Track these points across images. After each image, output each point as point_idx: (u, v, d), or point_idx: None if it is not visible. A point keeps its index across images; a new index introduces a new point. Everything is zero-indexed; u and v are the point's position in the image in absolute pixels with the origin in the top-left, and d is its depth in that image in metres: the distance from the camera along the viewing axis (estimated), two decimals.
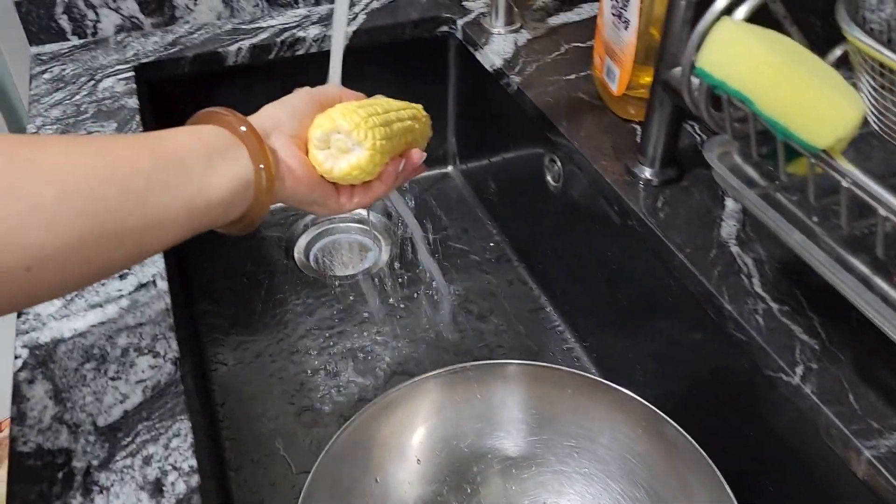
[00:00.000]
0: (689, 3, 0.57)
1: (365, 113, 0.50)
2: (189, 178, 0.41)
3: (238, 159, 0.44)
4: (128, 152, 0.39)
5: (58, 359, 0.52)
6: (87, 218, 0.36)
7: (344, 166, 0.49)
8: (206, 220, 0.43)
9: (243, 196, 0.44)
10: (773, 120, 0.37)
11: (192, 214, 0.41)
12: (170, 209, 0.39)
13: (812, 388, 0.51)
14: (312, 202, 0.51)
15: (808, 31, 0.68)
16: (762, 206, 0.42)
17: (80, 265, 0.37)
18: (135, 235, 0.38)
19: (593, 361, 0.80)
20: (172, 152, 0.41)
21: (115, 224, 0.37)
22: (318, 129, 0.49)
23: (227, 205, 0.43)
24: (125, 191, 0.37)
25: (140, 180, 0.38)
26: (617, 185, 0.68)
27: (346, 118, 0.49)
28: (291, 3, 0.95)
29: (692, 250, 0.61)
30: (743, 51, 0.38)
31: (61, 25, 0.86)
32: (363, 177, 0.51)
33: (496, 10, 0.90)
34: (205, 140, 0.43)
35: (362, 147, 0.49)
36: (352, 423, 0.60)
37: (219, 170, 0.42)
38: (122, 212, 0.37)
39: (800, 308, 0.56)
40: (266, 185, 0.45)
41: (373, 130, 0.49)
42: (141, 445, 0.47)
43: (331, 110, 0.50)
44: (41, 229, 0.34)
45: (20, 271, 0.34)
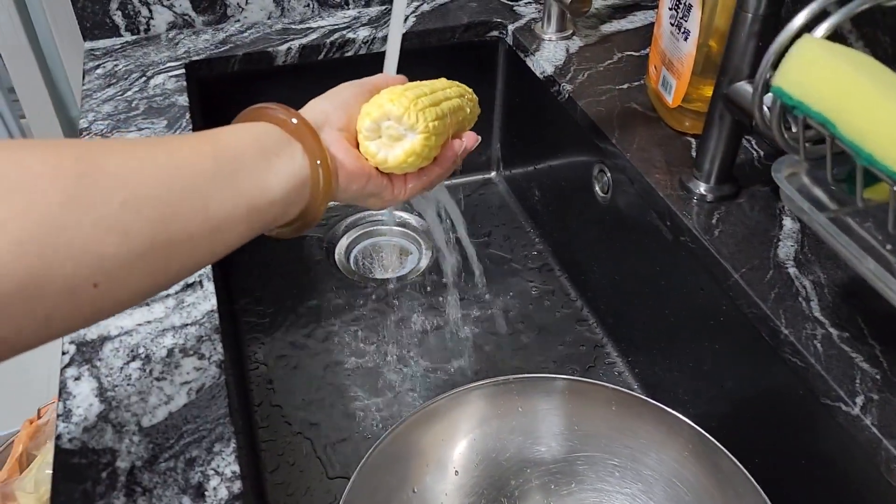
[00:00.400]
0: (755, 15, 0.55)
1: (413, 95, 0.47)
2: (248, 178, 0.40)
3: (293, 157, 0.43)
4: (189, 154, 0.38)
5: (104, 356, 0.52)
6: (154, 223, 0.35)
7: (399, 154, 0.47)
8: (267, 220, 0.42)
9: (300, 194, 0.43)
10: (857, 145, 0.36)
11: (254, 215, 0.40)
12: (232, 211, 0.39)
13: (872, 419, 0.49)
14: (367, 195, 0.49)
15: (876, 48, 0.66)
16: (834, 232, 0.40)
17: (147, 275, 0.36)
18: (199, 239, 0.38)
19: (636, 377, 0.79)
20: (230, 153, 0.40)
21: (180, 228, 0.36)
22: (367, 119, 0.47)
23: (284, 204, 0.42)
24: (189, 193, 0.37)
25: (203, 182, 0.38)
26: (670, 199, 0.66)
27: (395, 102, 0.46)
28: (342, 4, 0.95)
29: (748, 270, 0.59)
30: (827, 71, 0.37)
31: (115, 21, 0.87)
32: (420, 163, 0.48)
33: (548, 17, 0.89)
34: (258, 138, 0.42)
35: (415, 131, 0.47)
36: (392, 433, 0.59)
37: (275, 168, 0.42)
38: (187, 215, 0.37)
39: (860, 335, 0.54)
40: (324, 181, 0.44)
41: (424, 112, 0.47)
42: (184, 448, 0.47)
43: (377, 97, 0.48)
44: (111, 241, 0.33)
45: (87, 288, 0.33)
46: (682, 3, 0.66)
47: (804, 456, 0.56)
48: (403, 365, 0.79)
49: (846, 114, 0.36)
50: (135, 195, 0.35)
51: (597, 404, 0.63)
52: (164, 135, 0.72)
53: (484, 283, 0.86)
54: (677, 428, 0.59)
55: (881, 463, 0.48)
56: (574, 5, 0.81)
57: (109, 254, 0.33)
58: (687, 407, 0.70)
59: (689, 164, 0.70)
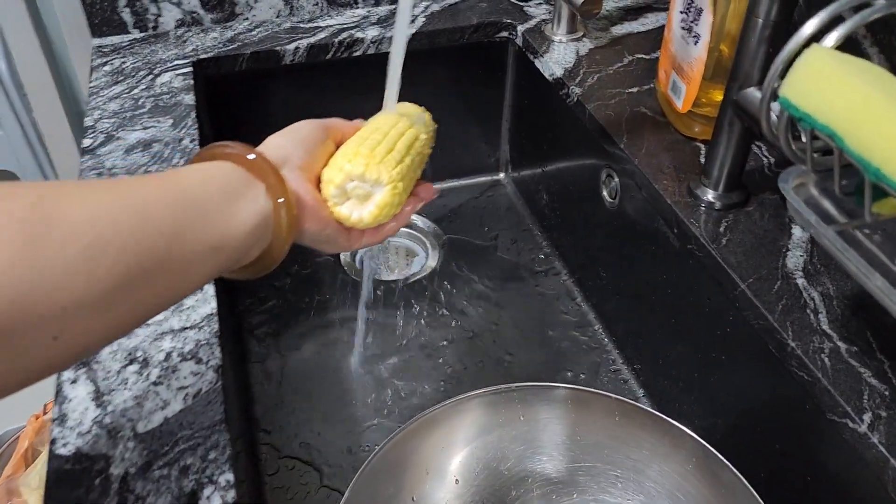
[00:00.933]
0: (766, 21, 0.54)
1: (367, 149, 0.47)
2: (212, 221, 0.39)
3: (256, 197, 0.42)
4: (151, 198, 0.37)
5: (102, 360, 0.52)
6: (115, 270, 0.34)
7: (372, 209, 0.48)
8: (230, 261, 0.41)
9: (263, 234, 0.43)
10: (866, 160, 0.35)
11: (217, 256, 0.40)
12: (195, 253, 0.38)
13: (880, 437, 0.47)
14: (324, 240, 0.49)
15: (892, 54, 0.65)
16: (841, 247, 0.39)
17: (108, 323, 0.35)
18: (162, 283, 0.37)
19: (641, 385, 0.78)
20: (192, 195, 0.39)
21: (143, 274, 0.35)
22: (331, 185, 0.47)
23: (247, 245, 0.42)
24: (153, 238, 0.36)
25: (167, 226, 0.37)
26: (677, 206, 0.65)
27: (354, 162, 0.47)
28: (351, 3, 0.94)
29: (755, 280, 0.58)
30: (835, 83, 0.36)
31: (123, 18, 0.86)
32: (393, 212, 0.49)
33: (558, 18, 0.88)
34: (221, 179, 0.42)
35: (381, 184, 0.47)
36: (391, 440, 0.58)
37: (239, 209, 0.41)
38: (149, 260, 0.35)
39: (869, 349, 0.53)
40: (287, 220, 0.43)
41: (384, 163, 0.47)
42: (179, 455, 0.46)
43: (334, 159, 0.48)
44: (69, 291, 0.32)
45: (47, 341, 0.32)
46: (692, 6, 0.65)
47: (810, 472, 0.55)
48: (407, 370, 0.79)
49: (854, 127, 0.35)
50: (97, 240, 0.33)
51: (600, 414, 0.62)
52: (169, 132, 0.72)
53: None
54: (681, 440, 0.58)
55: (889, 482, 0.47)
56: (584, 7, 0.79)
57: (70, 304, 0.32)
58: (692, 417, 0.69)
59: (697, 170, 0.68)
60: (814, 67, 0.37)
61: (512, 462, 0.64)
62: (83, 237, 0.33)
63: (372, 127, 0.51)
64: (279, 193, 0.43)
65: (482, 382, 0.77)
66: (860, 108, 0.35)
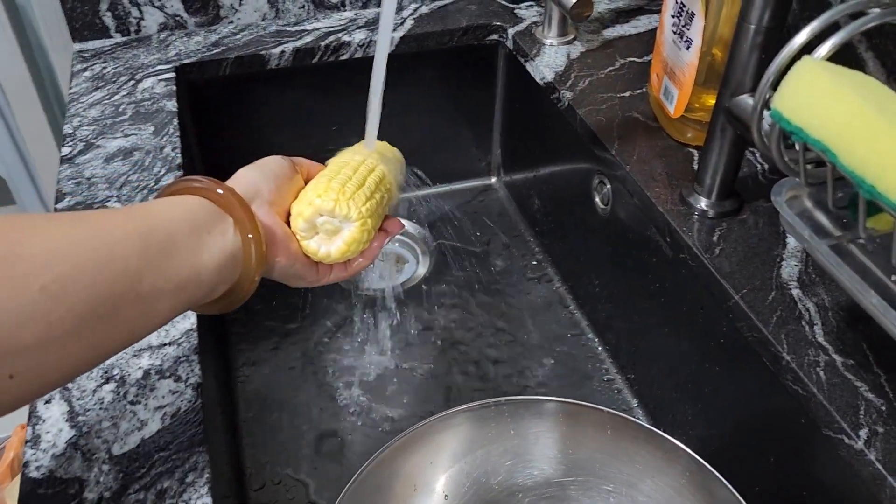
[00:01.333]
0: (758, 27, 0.53)
1: (338, 185, 0.48)
2: (179, 257, 0.38)
3: (225, 232, 0.42)
4: (117, 233, 0.36)
5: (77, 379, 0.50)
6: (76, 309, 0.33)
7: (341, 245, 0.48)
8: (196, 297, 0.40)
9: (232, 270, 0.42)
10: (859, 177, 0.33)
11: (183, 293, 0.39)
12: (161, 291, 0.37)
13: (877, 454, 0.46)
14: (292, 275, 0.49)
15: (886, 59, 0.63)
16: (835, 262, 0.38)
17: (67, 361, 0.34)
18: (125, 321, 0.36)
19: (635, 395, 0.76)
20: (160, 231, 0.39)
21: (105, 312, 0.34)
22: (300, 219, 0.47)
23: (214, 281, 0.41)
24: (117, 276, 0.35)
25: (132, 263, 0.36)
26: (670, 214, 0.64)
27: (324, 197, 0.47)
28: (338, 6, 0.92)
29: (749, 291, 0.57)
30: (828, 97, 0.34)
31: (105, 22, 0.85)
32: (361, 248, 0.49)
33: (549, 21, 0.86)
34: (190, 214, 0.41)
35: (350, 220, 0.47)
36: (378, 456, 0.57)
37: (207, 245, 0.40)
38: (113, 298, 0.35)
39: (866, 362, 0.52)
40: (256, 255, 0.43)
41: (353, 199, 0.47)
42: (156, 478, 0.45)
43: (303, 193, 0.48)
44: (27, 330, 0.31)
45: (3, 380, 0.31)
46: (684, 10, 0.64)
47: (805, 487, 0.54)
48: (396, 381, 0.77)
49: (847, 143, 0.34)
50: (56, 279, 0.32)
51: (591, 428, 0.61)
52: (150, 140, 0.70)
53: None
54: (674, 454, 0.57)
55: (885, 500, 0.46)
56: (575, 10, 0.78)
57: (29, 344, 0.31)
58: (686, 429, 0.68)
59: (690, 176, 0.67)
60: (806, 80, 0.36)
61: (502, 477, 0.63)
62: (43, 276, 0.32)
63: (342, 161, 0.51)
64: (248, 229, 0.42)
65: (473, 391, 0.76)
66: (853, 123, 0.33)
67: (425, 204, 0.98)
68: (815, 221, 0.43)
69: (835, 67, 0.36)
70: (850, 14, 0.41)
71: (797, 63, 0.37)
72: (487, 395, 0.76)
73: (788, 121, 0.36)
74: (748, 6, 0.52)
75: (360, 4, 0.93)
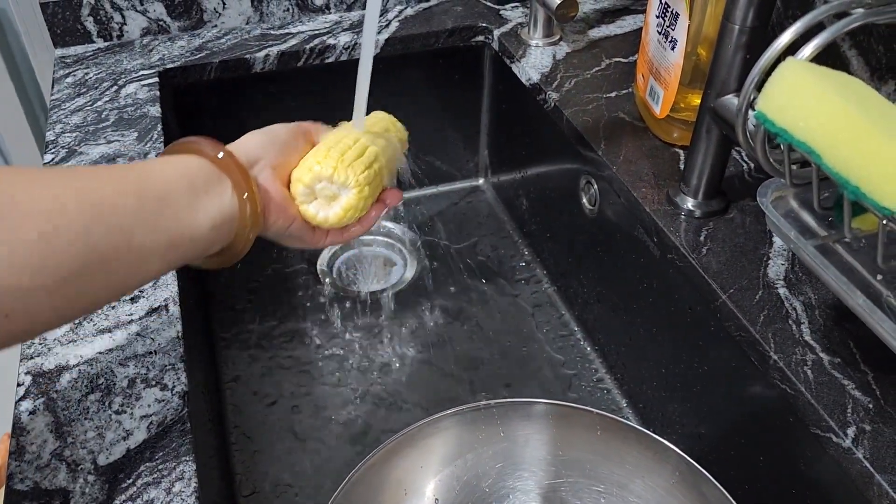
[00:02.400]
0: (742, 27, 0.53)
1: (338, 153, 0.49)
2: (173, 215, 0.40)
3: (222, 194, 0.43)
4: (114, 189, 0.38)
5: (61, 388, 0.49)
6: (71, 259, 0.35)
7: (338, 211, 0.49)
8: (189, 255, 0.42)
9: (227, 229, 0.44)
10: (844, 178, 0.33)
11: (176, 250, 0.41)
12: (153, 247, 0.39)
13: (864, 452, 0.46)
14: (289, 236, 0.51)
15: (870, 57, 0.64)
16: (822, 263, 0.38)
17: (61, 305, 0.36)
18: (117, 273, 0.38)
19: (624, 395, 0.76)
20: (157, 189, 0.40)
21: (99, 263, 0.36)
22: (299, 184, 0.49)
23: (209, 240, 0.43)
24: (111, 230, 0.37)
25: (125, 219, 0.38)
26: (657, 215, 0.64)
27: (323, 164, 0.48)
28: (323, 9, 0.92)
29: (736, 291, 0.57)
30: (811, 99, 0.34)
31: (87, 28, 0.84)
32: (358, 215, 0.51)
33: (534, 22, 0.86)
34: (188, 174, 0.42)
35: (348, 187, 0.49)
36: (368, 460, 0.57)
37: (203, 205, 0.42)
38: (106, 251, 0.36)
39: (853, 360, 0.52)
40: (251, 216, 0.44)
41: (352, 167, 0.49)
42: (142, 489, 0.44)
43: (304, 160, 0.50)
44: (24, 274, 0.33)
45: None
46: (669, 11, 0.64)
47: (794, 486, 0.54)
48: (385, 384, 0.77)
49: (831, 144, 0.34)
50: (52, 229, 0.34)
51: (581, 429, 0.61)
52: (134, 146, 0.70)
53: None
54: (664, 455, 0.57)
55: (874, 498, 0.46)
56: (560, 11, 0.78)
57: (20, 287, 0.33)
58: (675, 428, 0.68)
59: (677, 176, 0.67)
60: (790, 81, 0.36)
61: (492, 479, 0.63)
62: (40, 224, 0.34)
63: (343, 132, 0.53)
64: (244, 190, 0.44)
65: (463, 393, 0.76)
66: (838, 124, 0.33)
67: (413, 206, 0.98)
68: (800, 222, 0.43)
69: (819, 69, 0.36)
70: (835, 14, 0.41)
71: (781, 64, 0.37)
72: (476, 397, 0.76)
73: (773, 122, 0.36)
74: (732, 6, 0.52)
75: (344, 7, 0.93)
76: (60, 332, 0.53)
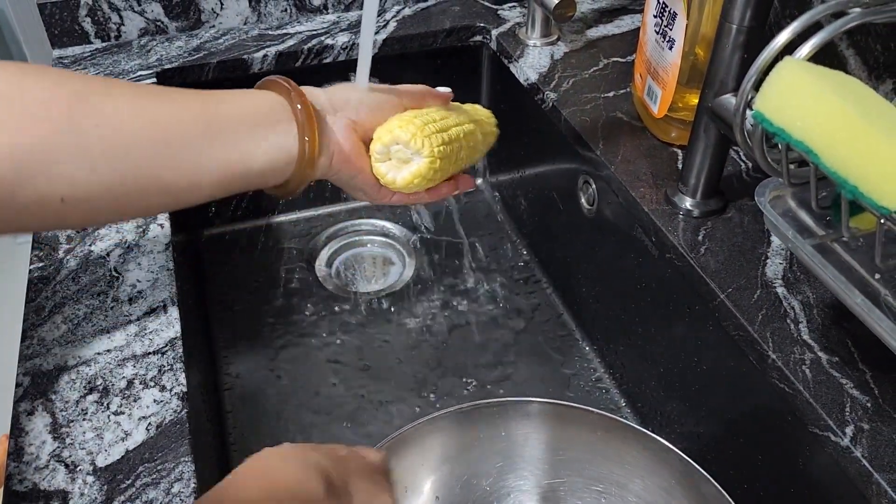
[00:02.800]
0: (740, 27, 0.53)
1: (421, 122, 0.51)
2: (234, 145, 0.44)
3: (288, 133, 0.46)
4: (183, 114, 0.42)
5: (59, 389, 0.49)
6: (124, 167, 0.40)
7: (406, 175, 0.51)
8: (244, 184, 0.46)
9: (284, 164, 0.47)
10: (842, 178, 0.33)
11: (230, 178, 0.44)
12: (206, 171, 0.43)
13: (863, 450, 0.46)
14: (355, 187, 0.53)
15: (868, 56, 0.64)
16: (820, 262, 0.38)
17: (111, 205, 0.41)
18: (168, 189, 0.42)
19: (623, 394, 0.76)
20: (225, 118, 0.44)
21: (149, 178, 0.41)
22: (378, 143, 0.50)
23: (266, 174, 0.46)
24: (169, 151, 0.41)
25: (186, 143, 0.42)
26: (655, 214, 0.64)
27: (404, 129, 0.50)
28: (320, 9, 0.92)
29: (734, 290, 0.57)
30: (810, 98, 0.34)
31: (84, 28, 0.84)
32: (425, 184, 0.52)
33: (532, 21, 0.86)
34: (260, 109, 0.46)
35: (421, 155, 0.50)
36: None
37: (267, 140, 0.45)
38: (160, 169, 0.41)
39: (851, 359, 0.52)
40: (308, 157, 0.47)
41: (430, 138, 0.50)
42: (141, 490, 0.44)
43: (388, 122, 0.51)
44: (81, 168, 0.38)
45: (55, 200, 0.38)
46: (666, 10, 0.64)
47: (793, 485, 0.54)
48: (384, 382, 0.77)
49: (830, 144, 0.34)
50: (117, 139, 0.39)
51: (580, 429, 0.61)
52: None
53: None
54: (663, 455, 0.57)
55: (872, 497, 0.46)
56: (558, 11, 0.78)
57: (80, 180, 0.38)
58: (674, 427, 0.68)
59: (675, 176, 0.67)
60: (788, 81, 0.36)
61: (492, 478, 0.63)
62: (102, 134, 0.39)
63: (435, 108, 0.55)
64: (306, 132, 0.46)
65: (460, 392, 0.76)
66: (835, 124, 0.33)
67: (411, 206, 0.98)
68: (798, 221, 0.43)
69: (816, 68, 0.36)
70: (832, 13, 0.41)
71: (779, 64, 0.37)
72: (475, 396, 0.76)
73: (771, 122, 0.36)
74: (729, 5, 0.52)
75: (342, 7, 0.93)
76: (59, 331, 0.53)
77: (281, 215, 0.95)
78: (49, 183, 0.38)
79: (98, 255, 0.60)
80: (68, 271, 0.58)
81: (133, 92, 0.42)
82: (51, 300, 0.55)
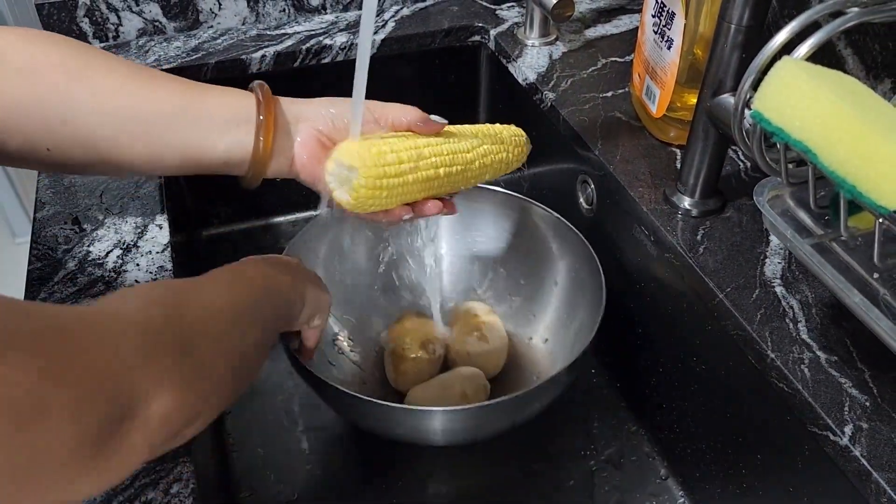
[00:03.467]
0: (738, 26, 0.53)
1: (385, 148, 0.49)
2: (196, 133, 0.48)
3: (249, 133, 0.50)
4: (164, 95, 0.48)
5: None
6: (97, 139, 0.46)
7: (343, 197, 0.50)
8: (201, 169, 0.51)
9: (241, 162, 0.51)
10: (840, 177, 0.33)
11: (186, 160, 0.49)
12: (167, 149, 0.48)
13: (861, 450, 0.47)
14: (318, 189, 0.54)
15: (865, 55, 0.64)
16: (818, 262, 0.38)
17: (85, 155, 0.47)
18: (140, 156, 0.48)
19: (620, 393, 0.76)
20: (199, 107, 0.49)
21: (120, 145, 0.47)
22: (329, 159, 0.50)
23: (228, 164, 0.51)
24: (138, 125, 0.47)
25: (159, 122, 0.47)
26: (654, 214, 0.64)
27: (351, 153, 0.49)
28: (319, 9, 0.92)
29: (733, 290, 0.57)
30: (807, 98, 0.34)
31: (82, 28, 0.84)
32: (376, 207, 0.51)
33: (530, 21, 0.86)
34: (233, 108, 0.50)
35: (359, 178, 0.49)
36: None
37: (230, 134, 0.49)
38: (127, 136, 0.47)
39: (849, 358, 0.52)
40: (261, 157, 0.50)
41: (374, 157, 0.48)
42: (140, 490, 0.44)
43: (349, 141, 0.50)
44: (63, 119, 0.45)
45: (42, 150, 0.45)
46: (665, 10, 0.64)
47: (791, 484, 0.54)
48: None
49: (828, 144, 0.34)
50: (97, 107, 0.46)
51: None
52: None
53: None
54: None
55: (870, 496, 0.46)
56: (557, 10, 0.78)
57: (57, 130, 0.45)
58: (672, 427, 0.68)
59: (673, 176, 0.67)
60: (786, 81, 0.36)
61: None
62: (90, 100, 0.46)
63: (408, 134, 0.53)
64: (261, 135, 0.50)
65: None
66: (833, 124, 0.33)
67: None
68: (797, 221, 0.43)
69: (814, 68, 0.36)
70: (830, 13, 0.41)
71: (777, 63, 0.37)
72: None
73: (769, 121, 0.36)
74: (728, 5, 0.52)
75: (340, 7, 0.93)
76: None
77: (280, 216, 0.95)
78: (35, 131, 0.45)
79: (96, 255, 0.60)
80: (67, 272, 0.58)
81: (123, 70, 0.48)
82: (49, 301, 0.55)
